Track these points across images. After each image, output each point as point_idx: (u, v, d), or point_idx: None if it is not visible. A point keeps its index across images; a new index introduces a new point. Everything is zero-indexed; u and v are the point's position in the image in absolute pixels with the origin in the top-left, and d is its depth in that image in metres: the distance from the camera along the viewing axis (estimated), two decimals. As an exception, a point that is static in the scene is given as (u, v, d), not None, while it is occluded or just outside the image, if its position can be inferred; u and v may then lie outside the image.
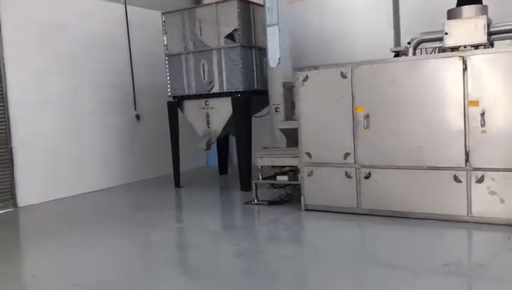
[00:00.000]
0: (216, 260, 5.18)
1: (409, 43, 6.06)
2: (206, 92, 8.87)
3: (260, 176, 7.44)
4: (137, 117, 10.48)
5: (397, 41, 9.97)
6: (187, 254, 5.59)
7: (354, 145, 6.29)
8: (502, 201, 5.43)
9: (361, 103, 6.19)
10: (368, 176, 6.23)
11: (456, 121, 5.60)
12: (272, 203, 7.33)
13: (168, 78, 9.29)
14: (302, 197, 6.76)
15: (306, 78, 6.59)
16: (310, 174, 6.66)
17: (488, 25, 5.46)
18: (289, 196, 7.47)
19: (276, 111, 8.66)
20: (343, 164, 6.40)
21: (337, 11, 10.33)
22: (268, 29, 8.59)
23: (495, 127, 5.40)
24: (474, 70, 5.45)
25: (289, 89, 8.63)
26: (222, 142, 10.55)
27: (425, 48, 6.52)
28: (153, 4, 10.77)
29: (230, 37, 8.57)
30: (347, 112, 6.31)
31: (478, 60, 5.43)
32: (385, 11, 9.77)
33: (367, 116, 6.14)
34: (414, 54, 6.08)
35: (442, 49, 5.81)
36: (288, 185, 7.53)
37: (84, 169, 9.35)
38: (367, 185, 6.24)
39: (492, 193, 5.48)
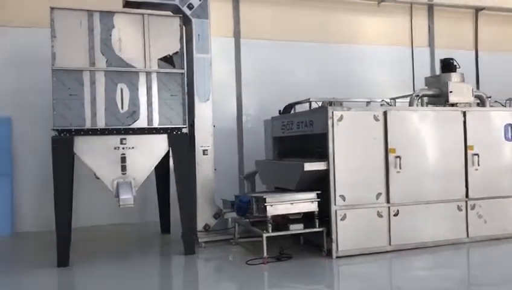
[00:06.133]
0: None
1: (417, 95, 6.99)
2: (125, 127, 6.55)
3: (270, 228, 6.28)
4: None
5: (239, 91, 10.47)
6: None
7: (387, 185, 6.55)
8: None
9: (393, 144, 6.59)
10: (396, 214, 6.60)
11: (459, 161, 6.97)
12: (279, 259, 6.32)
13: (54, 102, 6.26)
14: (333, 245, 6.28)
15: (341, 118, 6.36)
16: (343, 218, 6.34)
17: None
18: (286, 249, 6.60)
19: (204, 154, 7.44)
20: (375, 204, 6.51)
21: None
22: (198, 59, 7.42)
23: (485, 166, 7.07)
24: (471, 121, 7.02)
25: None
26: (161, 190, 8.45)
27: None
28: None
29: (165, 60, 6.80)
30: (380, 153, 6.54)
31: (474, 114, 7.07)
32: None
33: (398, 157, 6.59)
34: (417, 105, 7.05)
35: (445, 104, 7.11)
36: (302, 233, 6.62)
37: None
38: (395, 222, 6.60)
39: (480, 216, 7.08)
